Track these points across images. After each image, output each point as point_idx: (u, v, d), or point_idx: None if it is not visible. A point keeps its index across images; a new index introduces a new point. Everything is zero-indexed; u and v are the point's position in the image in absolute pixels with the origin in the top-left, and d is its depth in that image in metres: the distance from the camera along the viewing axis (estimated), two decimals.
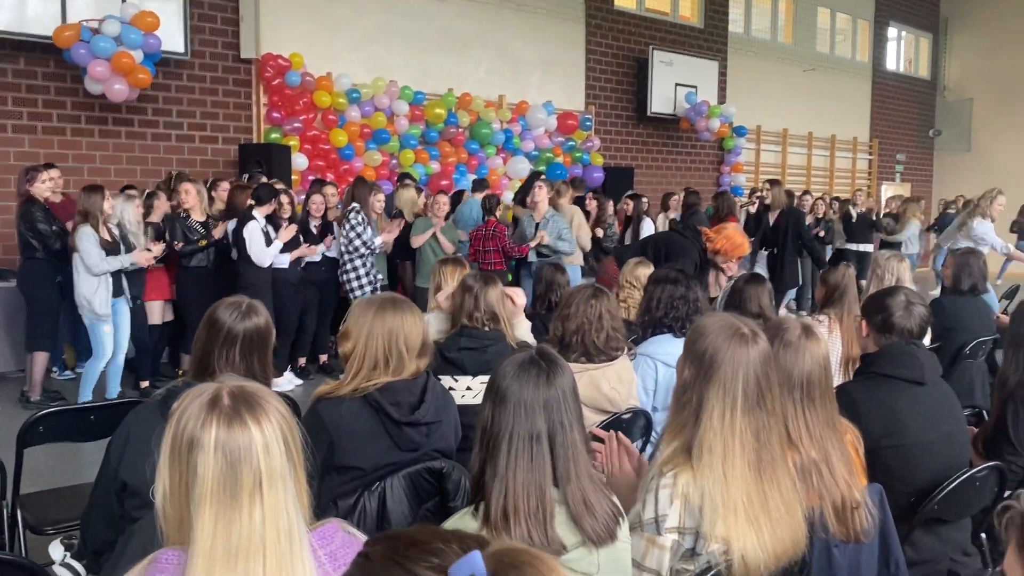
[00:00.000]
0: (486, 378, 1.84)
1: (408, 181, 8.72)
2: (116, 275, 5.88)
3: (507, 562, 0.83)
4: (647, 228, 9.37)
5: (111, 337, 5.88)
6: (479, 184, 9.01)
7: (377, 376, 2.40)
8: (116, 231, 5.98)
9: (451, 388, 3.03)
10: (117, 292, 5.93)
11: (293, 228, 6.73)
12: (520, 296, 3.62)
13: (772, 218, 9.26)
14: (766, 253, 9.60)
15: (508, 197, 10.16)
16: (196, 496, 1.31)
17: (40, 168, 6.30)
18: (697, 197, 9.93)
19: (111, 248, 5.81)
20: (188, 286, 6.64)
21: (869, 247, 11.19)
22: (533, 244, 7.58)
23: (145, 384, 6.56)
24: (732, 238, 5.60)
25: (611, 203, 9.70)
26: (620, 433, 2.36)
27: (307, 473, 1.42)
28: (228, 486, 1.30)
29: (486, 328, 3.18)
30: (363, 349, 2.43)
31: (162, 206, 6.75)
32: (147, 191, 6.96)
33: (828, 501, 2.04)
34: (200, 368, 2.24)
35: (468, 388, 3.03)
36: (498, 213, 8.12)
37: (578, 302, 3.19)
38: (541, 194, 7.76)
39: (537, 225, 7.65)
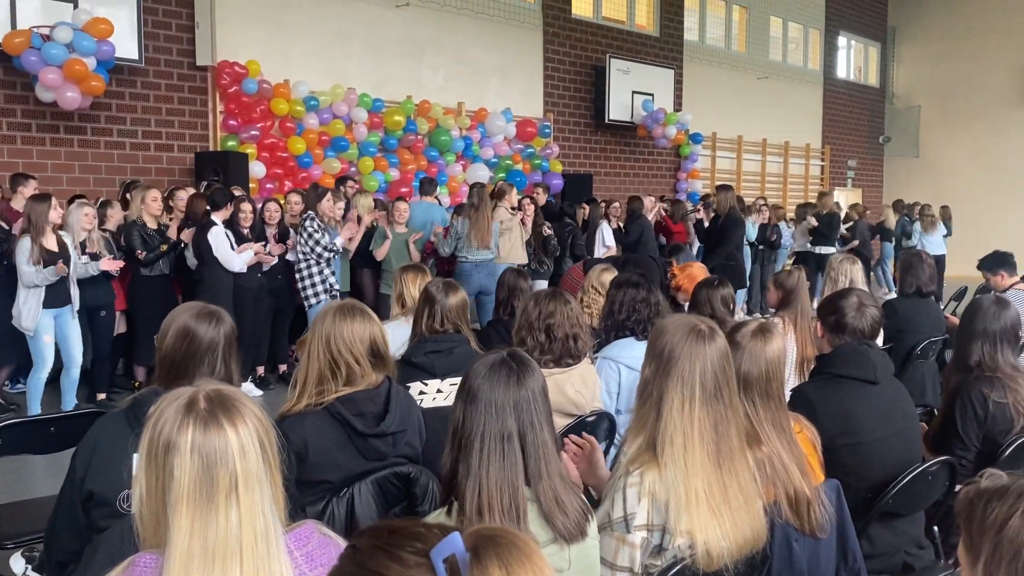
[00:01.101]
0: (455, 379, 1.88)
1: (352, 183, 8.70)
2: (61, 285, 5.66)
3: (486, 535, 0.89)
4: (605, 232, 9.46)
5: (51, 348, 5.72)
6: (429, 185, 8.91)
7: (327, 387, 2.40)
8: (69, 240, 5.85)
9: (422, 392, 3.05)
10: (61, 302, 5.73)
11: (254, 249, 6.72)
12: None
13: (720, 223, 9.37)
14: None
15: None
16: (172, 498, 1.31)
17: None
18: (640, 203, 10.04)
19: (50, 259, 5.56)
20: (145, 295, 6.54)
21: (831, 249, 11.47)
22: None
23: (102, 396, 6.45)
24: (694, 278, 5.66)
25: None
26: (572, 436, 2.41)
27: (283, 476, 1.43)
28: (204, 488, 1.31)
29: (447, 332, 3.22)
30: (306, 360, 2.45)
31: (115, 215, 6.66)
32: (100, 200, 6.86)
33: (782, 490, 2.11)
34: (172, 378, 2.22)
35: (439, 391, 3.05)
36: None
37: (534, 306, 3.24)
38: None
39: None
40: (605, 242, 9.36)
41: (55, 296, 5.66)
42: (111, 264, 6.01)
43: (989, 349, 3.05)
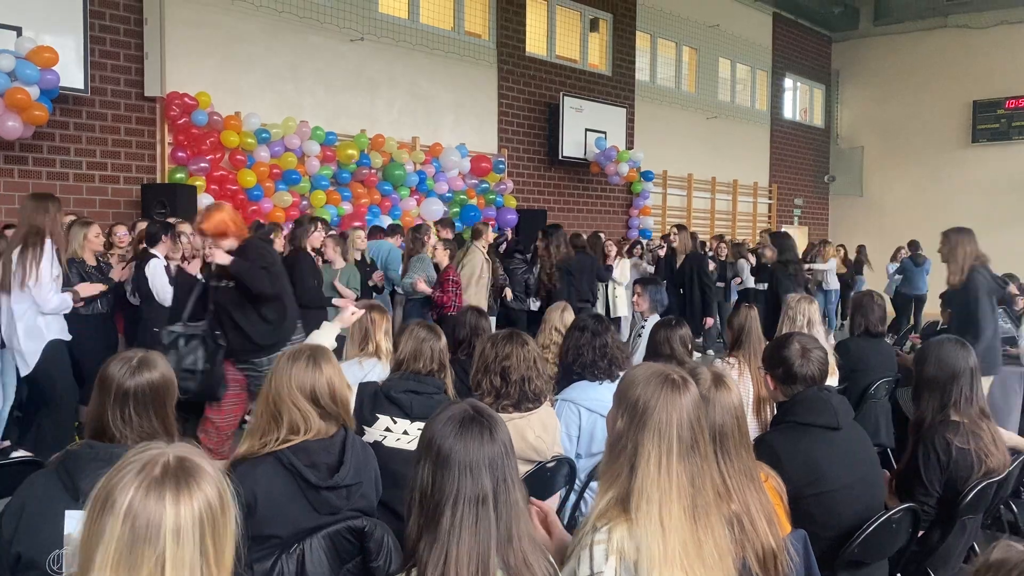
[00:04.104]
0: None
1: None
2: None
3: None
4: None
5: None
6: (394, 228, 8.94)
7: (272, 434, 2.30)
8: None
9: (387, 429, 2.94)
10: None
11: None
12: None
13: (679, 262, 9.44)
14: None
15: None
16: (99, 559, 1.19)
17: None
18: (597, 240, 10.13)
19: None
20: (82, 334, 6.26)
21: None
22: None
23: None
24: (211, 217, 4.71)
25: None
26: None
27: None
28: (127, 563, 1.19)
29: (432, 376, 3.14)
30: (257, 405, 2.37)
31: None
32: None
33: (751, 552, 2.05)
34: (96, 429, 2.10)
35: (404, 432, 2.94)
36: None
37: (490, 348, 3.17)
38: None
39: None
40: None
41: None
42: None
43: (967, 391, 3.04)
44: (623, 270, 10.36)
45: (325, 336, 3.66)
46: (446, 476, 1.59)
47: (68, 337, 5.40)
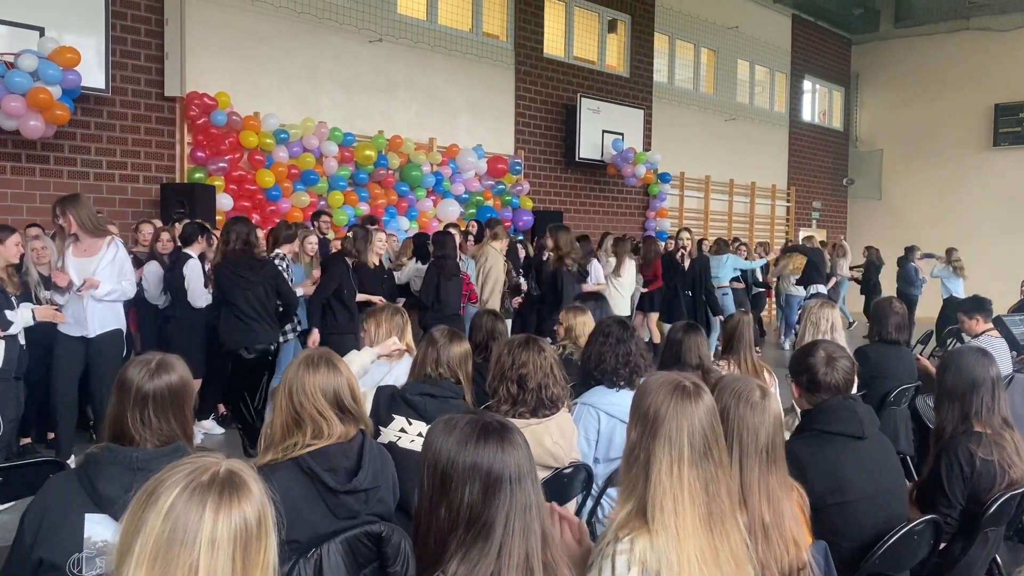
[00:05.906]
0: None
1: (326, 217, 8.59)
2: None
3: None
4: (596, 270, 9.40)
5: None
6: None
7: (294, 440, 2.31)
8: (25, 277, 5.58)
9: (402, 430, 2.95)
10: None
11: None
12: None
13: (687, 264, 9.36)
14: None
15: None
16: (136, 551, 1.20)
17: None
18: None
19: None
20: None
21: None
22: None
23: (52, 435, 6.21)
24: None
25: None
26: (555, 504, 2.30)
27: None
28: (162, 559, 1.19)
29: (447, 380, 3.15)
30: (274, 411, 2.39)
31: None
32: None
33: (775, 563, 2.03)
34: (114, 431, 2.11)
35: (419, 434, 2.94)
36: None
37: (507, 354, 3.16)
38: None
39: None
40: (597, 279, 9.28)
41: None
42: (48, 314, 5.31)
43: (989, 400, 3.00)
44: (628, 274, 9.64)
45: (362, 359, 3.70)
46: (500, 495, 1.55)
47: (62, 330, 5.47)
